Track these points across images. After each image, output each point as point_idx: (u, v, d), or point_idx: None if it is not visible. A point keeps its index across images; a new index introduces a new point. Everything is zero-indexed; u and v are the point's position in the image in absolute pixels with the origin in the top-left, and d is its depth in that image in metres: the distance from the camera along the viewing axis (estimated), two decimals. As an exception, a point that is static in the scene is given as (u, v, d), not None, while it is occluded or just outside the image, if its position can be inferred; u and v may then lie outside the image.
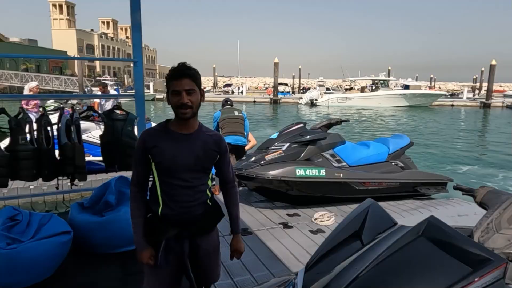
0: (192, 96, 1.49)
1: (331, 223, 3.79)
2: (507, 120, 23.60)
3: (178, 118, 1.52)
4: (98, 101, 7.71)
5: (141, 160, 1.58)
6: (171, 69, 1.51)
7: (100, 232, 2.84)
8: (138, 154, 1.58)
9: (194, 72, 1.50)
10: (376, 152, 4.78)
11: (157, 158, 1.52)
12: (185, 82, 1.47)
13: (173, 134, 1.55)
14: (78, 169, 3.25)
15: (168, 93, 1.53)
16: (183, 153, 1.52)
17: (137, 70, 3.55)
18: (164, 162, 1.52)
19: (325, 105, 31.88)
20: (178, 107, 1.48)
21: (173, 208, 1.55)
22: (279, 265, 2.89)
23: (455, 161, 9.56)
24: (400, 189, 4.76)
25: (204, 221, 1.62)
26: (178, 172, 1.52)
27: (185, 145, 1.54)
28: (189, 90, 1.48)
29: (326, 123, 4.58)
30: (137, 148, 1.60)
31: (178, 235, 1.56)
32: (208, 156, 1.59)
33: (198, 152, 1.55)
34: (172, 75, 1.49)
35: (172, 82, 1.49)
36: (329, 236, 1.30)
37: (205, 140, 1.59)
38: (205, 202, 1.62)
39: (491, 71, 33.16)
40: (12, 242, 2.44)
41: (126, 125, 3.46)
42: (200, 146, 1.56)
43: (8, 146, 3.00)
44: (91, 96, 7.65)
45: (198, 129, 1.60)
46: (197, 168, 1.55)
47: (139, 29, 3.48)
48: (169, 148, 1.52)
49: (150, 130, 1.61)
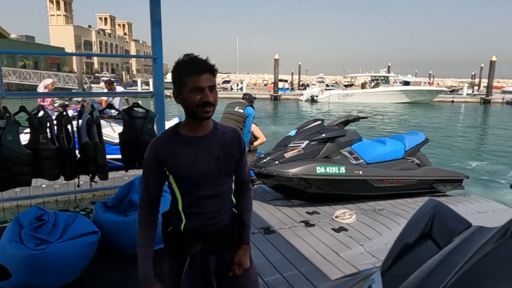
0: (214, 93, 1.31)
1: (352, 221, 3.76)
2: (508, 116, 23.65)
3: (197, 118, 1.32)
4: (106, 99, 7.64)
5: (155, 175, 1.37)
6: (187, 62, 1.29)
7: (125, 232, 2.79)
8: (150, 168, 1.37)
9: (214, 66, 1.32)
10: (392, 149, 4.75)
11: (174, 169, 1.33)
12: (207, 77, 1.29)
13: (186, 138, 1.36)
14: (99, 168, 3.20)
15: (180, 90, 1.30)
16: (201, 158, 1.34)
17: (157, 67, 3.49)
18: (183, 173, 1.33)
19: (326, 102, 31.83)
20: (201, 105, 1.29)
21: (198, 221, 1.38)
22: (308, 265, 2.86)
23: (463, 157, 9.57)
24: (416, 186, 4.74)
25: (232, 231, 1.46)
26: (200, 181, 1.35)
27: (202, 149, 1.36)
28: (212, 86, 1.30)
29: (344, 120, 4.53)
30: (147, 162, 1.37)
31: (203, 250, 1.38)
32: (230, 156, 1.41)
33: (218, 154, 1.37)
34: (191, 70, 1.27)
35: (190, 78, 1.27)
36: (399, 239, 1.26)
37: (223, 139, 1.41)
38: (231, 210, 1.46)
39: (491, 67, 33.17)
40: (40, 243, 2.39)
41: (146, 123, 3.41)
42: (219, 147, 1.38)
43: (29, 145, 2.94)
44: (110, 94, 7.57)
45: (213, 128, 1.41)
46: (220, 172, 1.38)
47: (159, 24, 3.42)
48: (185, 156, 1.33)
49: (159, 139, 1.39)
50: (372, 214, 3.97)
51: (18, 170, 2.82)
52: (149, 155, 1.37)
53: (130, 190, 3.00)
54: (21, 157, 2.79)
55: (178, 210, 1.39)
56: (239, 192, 1.55)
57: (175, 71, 1.32)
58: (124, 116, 3.39)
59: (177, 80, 1.32)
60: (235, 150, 1.44)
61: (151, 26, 3.40)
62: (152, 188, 1.39)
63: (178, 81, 1.31)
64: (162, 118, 3.61)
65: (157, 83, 3.54)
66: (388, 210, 4.10)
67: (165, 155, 1.33)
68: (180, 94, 1.32)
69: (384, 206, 4.27)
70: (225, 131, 1.44)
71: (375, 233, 3.49)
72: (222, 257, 1.44)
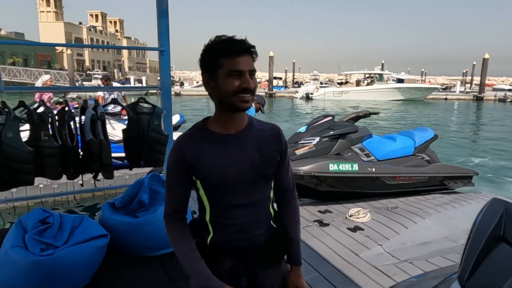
0: (254, 80, 1.11)
1: (367, 219, 3.64)
2: (502, 113, 23.87)
3: (233, 108, 1.11)
4: (102, 95, 7.41)
5: (180, 180, 1.17)
6: (224, 42, 1.09)
7: (136, 234, 2.63)
8: (175, 170, 1.17)
9: (255, 48, 1.12)
10: (402, 146, 4.65)
11: (201, 172, 1.14)
12: (247, 60, 1.08)
13: (217, 136, 1.15)
14: (104, 167, 3.04)
15: (214, 74, 1.10)
16: (233, 160, 1.14)
17: (164, 60, 3.31)
18: (212, 177, 1.14)
19: (321, 99, 31.80)
20: (239, 92, 1.08)
21: (227, 235, 1.18)
22: (328, 266, 2.73)
23: (465, 154, 9.55)
24: (427, 183, 4.65)
25: (269, 249, 1.23)
26: (231, 186, 1.14)
27: (235, 149, 1.15)
28: (252, 71, 1.10)
29: (354, 116, 4.42)
30: (172, 163, 1.17)
31: (232, 269, 1.20)
32: (267, 158, 1.19)
33: (253, 155, 1.16)
34: (229, 49, 1.07)
35: (228, 59, 1.07)
36: (471, 244, 1.13)
37: (260, 137, 1.19)
38: (269, 223, 1.23)
39: (483, 65, 33.47)
40: (46, 248, 2.21)
41: (153, 119, 3.25)
42: (255, 147, 1.17)
43: (29, 142, 2.76)
44: (113, 89, 7.33)
45: (249, 124, 1.19)
46: (255, 177, 1.16)
47: (166, 14, 3.25)
48: (215, 157, 1.13)
49: (185, 136, 1.18)
50: (386, 212, 3.86)
51: (20, 169, 2.65)
52: (173, 156, 1.16)
53: (140, 190, 2.83)
54: (22, 154, 2.62)
55: (205, 221, 1.20)
56: (281, 202, 1.31)
57: (206, 53, 1.11)
58: (130, 112, 3.22)
59: (209, 63, 1.11)
60: (274, 151, 1.21)
61: (157, 16, 3.23)
62: (179, 191, 1.19)
63: (211, 64, 1.10)
64: (169, 114, 3.45)
65: (164, 77, 3.37)
66: (401, 208, 3.99)
67: (191, 156, 1.13)
68: (213, 79, 1.11)
69: (397, 204, 4.17)
70: (262, 128, 1.22)
71: (392, 232, 3.38)
72: (255, 280, 1.22)
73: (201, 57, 1.13)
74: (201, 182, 1.16)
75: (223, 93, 1.10)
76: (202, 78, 1.16)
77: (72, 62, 37.95)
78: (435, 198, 4.48)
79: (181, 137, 1.19)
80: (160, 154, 3.27)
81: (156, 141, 3.22)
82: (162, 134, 3.24)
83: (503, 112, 24.62)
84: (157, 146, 3.23)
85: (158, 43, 3.31)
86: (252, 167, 1.16)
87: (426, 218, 3.62)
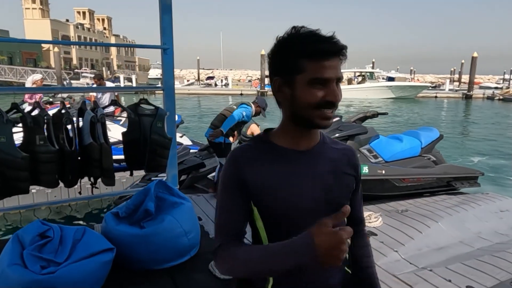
0: (339, 90, 0.88)
1: (379, 224, 3.52)
2: (491, 111, 24.21)
3: (310, 125, 0.89)
4: (95, 95, 7.14)
5: (239, 203, 0.91)
6: (309, 38, 0.84)
7: (142, 246, 2.44)
8: (229, 191, 0.91)
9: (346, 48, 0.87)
10: (409, 146, 4.56)
11: (265, 201, 0.89)
12: (337, 64, 0.85)
13: (284, 152, 0.91)
14: (105, 172, 2.85)
15: (290, 79, 0.86)
16: (306, 186, 0.90)
17: (167, 58, 3.14)
18: (279, 208, 0.88)
19: (313, 97, 31.75)
20: (321, 106, 0.85)
21: (293, 281, 0.92)
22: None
23: (463, 152, 9.55)
24: (435, 184, 4.58)
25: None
26: (301, 220, 0.88)
27: (307, 172, 0.91)
28: (339, 79, 0.87)
29: (362, 116, 4.30)
30: (227, 182, 0.92)
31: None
32: (344, 185, 0.96)
33: (328, 180, 0.93)
34: (317, 51, 0.83)
35: (313, 63, 0.83)
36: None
37: (334, 157, 0.96)
38: (342, 267, 1.01)
39: (472, 63, 33.91)
40: (47, 265, 2.02)
41: (156, 121, 3.07)
42: (329, 170, 0.94)
43: (23, 147, 2.55)
44: (112, 89, 7.06)
45: (321, 140, 0.97)
46: (330, 209, 0.89)
47: (170, 10, 3.07)
48: (283, 180, 0.89)
49: (244, 148, 0.94)
50: (397, 216, 3.75)
51: (15, 176, 2.44)
52: (230, 173, 0.91)
53: (145, 198, 2.63)
54: (17, 160, 2.42)
55: None
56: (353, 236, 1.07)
57: (282, 50, 0.87)
58: (131, 113, 3.04)
59: (285, 64, 0.87)
60: (350, 176, 0.98)
61: (160, 12, 3.05)
62: (234, 222, 0.91)
63: (287, 65, 0.86)
64: (172, 116, 3.28)
65: (167, 76, 3.19)
66: (412, 211, 3.88)
67: (253, 177, 0.89)
68: (288, 85, 0.87)
69: (406, 206, 4.07)
70: (336, 147, 0.99)
71: (406, 237, 3.27)
72: None
73: (273, 54, 0.90)
74: (262, 211, 0.91)
75: (301, 105, 0.86)
76: (270, 81, 0.92)
77: (60, 60, 37.10)
78: (444, 199, 4.40)
79: (239, 150, 0.94)
80: (163, 158, 3.10)
81: (159, 145, 3.05)
82: (165, 137, 3.07)
83: (493, 110, 24.96)
84: (160, 150, 3.07)
85: (160, 40, 3.13)
86: (327, 196, 0.92)
87: (439, 222, 3.52)
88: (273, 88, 0.91)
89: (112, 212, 2.64)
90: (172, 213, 2.59)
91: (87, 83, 27.29)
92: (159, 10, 3.03)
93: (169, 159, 3.13)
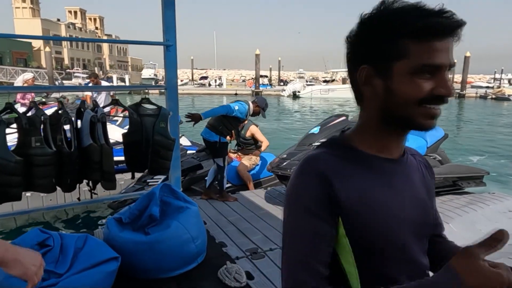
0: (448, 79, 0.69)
1: (389, 226, 3.43)
2: (484, 110, 24.42)
3: (410, 126, 0.70)
4: (90, 95, 6.97)
5: (325, 228, 0.67)
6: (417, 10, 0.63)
7: (148, 254, 2.30)
8: (314, 213, 0.66)
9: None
10: (415, 146, 4.44)
11: (361, 226, 0.67)
12: (451, 46, 0.66)
13: (377, 162, 0.72)
14: (105, 176, 2.70)
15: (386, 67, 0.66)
16: (403, 201, 0.72)
17: (170, 56, 3.00)
18: (379, 232, 0.68)
19: (308, 97, 31.78)
20: (428, 101, 0.66)
21: None
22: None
23: (462, 152, 9.51)
24: (440, 184, 4.49)
25: None
26: (400, 242, 0.70)
27: (404, 186, 0.74)
28: (452, 65, 0.68)
29: (368, 115, 4.20)
30: (308, 201, 0.67)
31: None
32: (433, 198, 0.82)
33: (422, 193, 0.76)
34: (428, 27, 0.62)
35: (421, 45, 0.63)
36: None
37: (418, 168, 0.80)
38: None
39: (465, 62, 34.22)
40: (48, 277, 1.87)
41: (159, 121, 2.93)
42: (421, 182, 0.78)
43: (18, 150, 2.39)
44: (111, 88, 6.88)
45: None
46: (428, 227, 0.77)
47: (173, 6, 2.94)
48: (381, 198, 0.69)
49: (325, 158, 0.70)
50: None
51: (7, 181, 2.29)
52: (314, 190, 0.67)
53: (150, 203, 2.49)
54: (10, 165, 2.26)
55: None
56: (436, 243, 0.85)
57: (374, 29, 0.66)
58: (133, 113, 2.89)
59: (378, 46, 0.66)
60: (433, 189, 0.83)
61: (163, 8, 2.92)
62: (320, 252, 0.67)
63: (380, 49, 0.66)
64: (175, 116, 3.14)
65: (170, 74, 3.06)
66: (421, 212, 3.80)
67: (347, 195, 0.66)
68: (382, 75, 0.67)
69: (414, 207, 3.99)
70: (412, 153, 0.83)
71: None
72: None
73: (358, 36, 0.69)
74: (355, 239, 0.67)
75: (400, 100, 0.66)
76: (355, 70, 0.71)
77: (51, 60, 36.54)
78: (451, 200, 4.33)
79: (321, 162, 0.69)
80: (166, 160, 2.97)
81: (162, 146, 2.91)
82: (168, 138, 2.94)
83: (485, 108, 25.19)
84: (163, 151, 2.93)
85: (163, 37, 2.99)
86: (425, 211, 0.75)
87: (449, 223, 3.44)
88: (358, 78, 0.70)
89: (114, 217, 2.49)
90: (178, 218, 2.46)
91: (79, 83, 26.83)
92: (161, 5, 2.89)
93: (172, 161, 2.99)
